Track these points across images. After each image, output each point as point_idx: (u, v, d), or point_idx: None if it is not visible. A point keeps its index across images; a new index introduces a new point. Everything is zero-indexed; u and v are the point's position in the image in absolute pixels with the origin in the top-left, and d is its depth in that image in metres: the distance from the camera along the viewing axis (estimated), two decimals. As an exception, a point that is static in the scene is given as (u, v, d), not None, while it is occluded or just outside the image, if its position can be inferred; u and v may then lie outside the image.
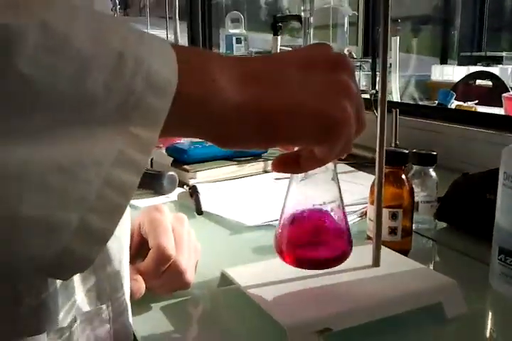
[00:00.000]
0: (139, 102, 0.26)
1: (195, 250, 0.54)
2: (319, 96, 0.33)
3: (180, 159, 0.99)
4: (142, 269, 0.49)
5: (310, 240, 0.48)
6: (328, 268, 0.48)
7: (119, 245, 0.41)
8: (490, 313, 0.54)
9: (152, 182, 0.89)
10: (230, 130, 0.31)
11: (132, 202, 0.85)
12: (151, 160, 1.03)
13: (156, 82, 0.26)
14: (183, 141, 1.17)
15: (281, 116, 0.32)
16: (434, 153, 0.72)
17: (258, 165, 1.03)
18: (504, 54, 3.06)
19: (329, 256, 0.48)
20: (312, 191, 0.47)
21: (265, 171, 1.03)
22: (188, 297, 0.54)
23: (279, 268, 0.53)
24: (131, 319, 0.43)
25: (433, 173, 0.73)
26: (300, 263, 0.48)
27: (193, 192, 0.86)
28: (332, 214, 0.47)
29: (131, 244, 0.50)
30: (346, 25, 2.44)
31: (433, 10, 3.67)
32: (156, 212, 0.53)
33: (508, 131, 0.95)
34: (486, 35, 3.39)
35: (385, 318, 0.46)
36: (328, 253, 0.48)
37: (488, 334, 0.50)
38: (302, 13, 1.58)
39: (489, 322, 0.53)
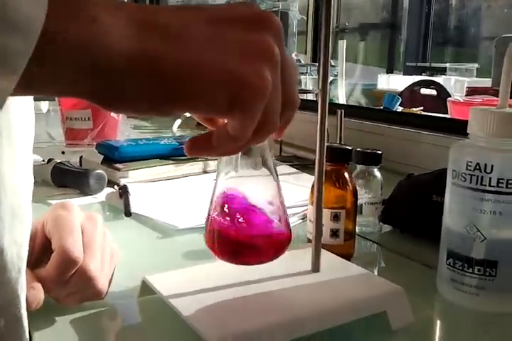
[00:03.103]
0: None
1: (111, 254, 0.47)
2: (230, 55, 0.27)
3: (111, 157, 0.91)
4: (43, 275, 0.41)
5: (242, 234, 0.42)
6: (263, 261, 0.43)
7: (19, 251, 0.34)
8: (438, 322, 0.50)
9: (77, 181, 0.82)
10: (114, 85, 0.25)
11: (52, 202, 0.77)
12: (80, 158, 0.96)
13: (12, 18, 0.20)
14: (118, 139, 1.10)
15: (180, 73, 0.26)
16: (379, 152, 0.68)
17: (197, 165, 0.97)
18: (448, 65, 3.13)
19: (264, 247, 0.42)
20: (243, 187, 0.42)
21: (205, 171, 0.97)
22: (103, 308, 0.47)
23: (208, 274, 0.47)
24: (26, 335, 0.36)
25: (378, 173, 0.69)
26: (233, 256, 0.42)
27: (123, 192, 0.79)
28: (266, 207, 0.42)
29: (33, 247, 0.43)
30: (295, 29, 2.42)
31: (380, 21, 3.73)
32: (63, 210, 0.45)
33: (453, 133, 0.92)
34: (431, 47, 3.47)
35: (323, 331, 0.41)
36: (262, 243, 0.42)
37: (436, 346, 0.45)
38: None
39: (438, 331, 0.48)
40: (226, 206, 0.42)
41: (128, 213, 0.73)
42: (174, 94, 0.27)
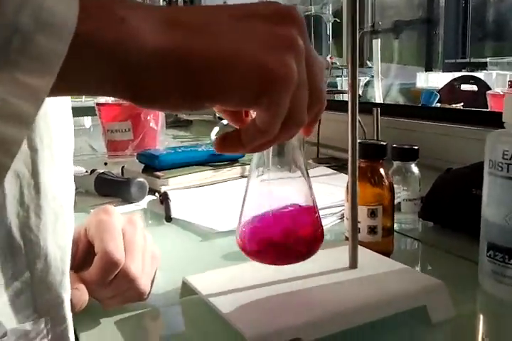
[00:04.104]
0: (27, 44, 0.21)
1: (152, 256, 0.49)
2: (257, 46, 0.28)
3: (152, 165, 0.93)
4: (87, 277, 0.43)
5: (273, 234, 0.42)
6: (296, 261, 0.43)
7: (63, 254, 0.36)
8: (480, 316, 0.49)
9: (120, 190, 0.84)
10: (146, 82, 0.26)
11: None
12: (122, 168, 0.98)
13: (48, 20, 0.21)
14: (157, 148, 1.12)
15: (208, 65, 0.27)
16: (416, 147, 0.68)
17: (235, 170, 0.99)
18: (488, 60, 3.04)
19: (295, 247, 0.42)
20: (274, 187, 0.42)
21: (242, 176, 0.98)
22: (146, 309, 0.48)
23: (247, 274, 0.48)
24: (72, 335, 0.38)
25: (415, 169, 0.68)
26: (263, 256, 0.43)
27: (164, 198, 0.81)
28: (297, 207, 0.42)
29: (76, 251, 0.45)
30: (329, 32, 2.42)
31: (417, 19, 3.68)
32: (104, 215, 0.47)
33: (490, 126, 0.90)
34: (470, 43, 3.39)
35: (362, 325, 0.41)
36: (293, 243, 0.42)
37: (479, 339, 0.45)
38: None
39: (480, 325, 0.47)
40: (257, 207, 0.43)
41: (168, 218, 0.74)
42: (204, 87, 0.27)
